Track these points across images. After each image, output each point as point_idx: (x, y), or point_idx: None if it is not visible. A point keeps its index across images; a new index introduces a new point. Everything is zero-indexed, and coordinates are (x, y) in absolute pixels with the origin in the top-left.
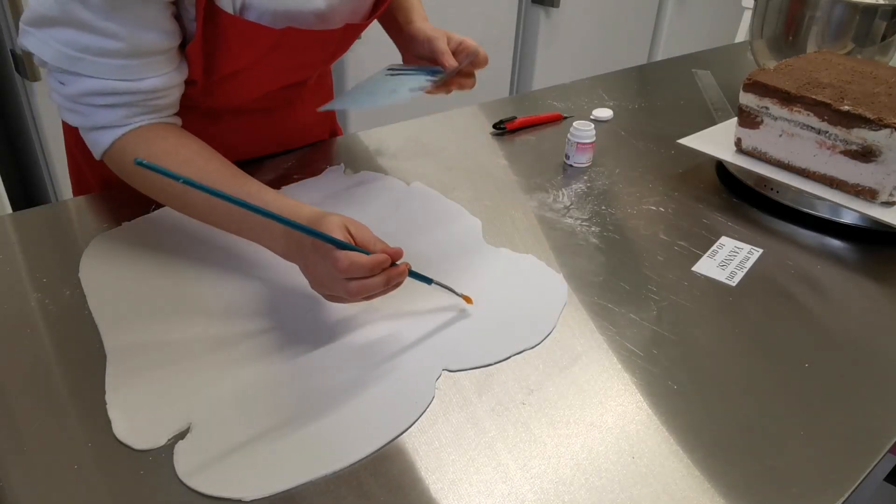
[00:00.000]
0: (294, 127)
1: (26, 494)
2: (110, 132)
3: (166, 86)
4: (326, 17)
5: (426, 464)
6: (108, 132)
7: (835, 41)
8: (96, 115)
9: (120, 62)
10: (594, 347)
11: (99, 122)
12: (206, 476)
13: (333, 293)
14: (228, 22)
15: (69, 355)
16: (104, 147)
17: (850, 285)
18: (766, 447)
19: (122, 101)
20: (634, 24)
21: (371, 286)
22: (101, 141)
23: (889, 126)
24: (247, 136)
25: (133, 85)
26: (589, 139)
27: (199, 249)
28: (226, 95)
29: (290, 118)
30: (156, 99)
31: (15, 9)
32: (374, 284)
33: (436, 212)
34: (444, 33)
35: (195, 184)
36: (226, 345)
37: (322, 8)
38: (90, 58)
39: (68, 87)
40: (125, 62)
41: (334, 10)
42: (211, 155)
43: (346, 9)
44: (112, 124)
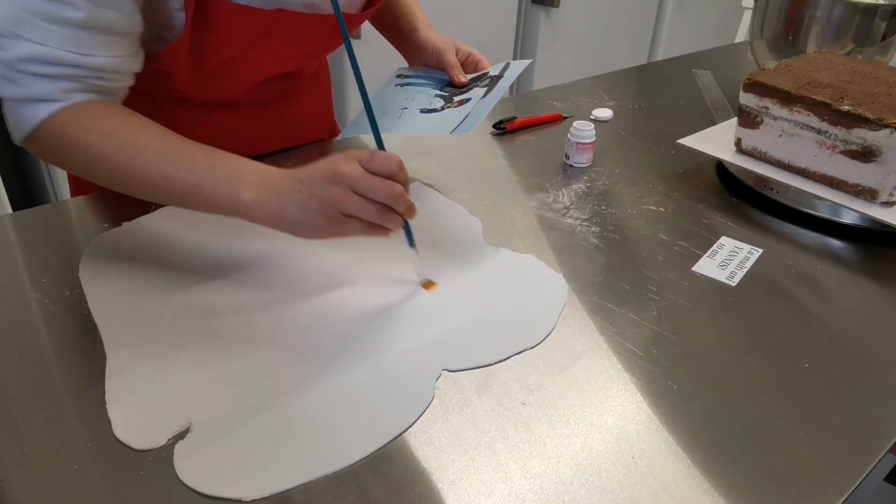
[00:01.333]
0: (291, 122)
1: (26, 494)
2: (46, 106)
3: (115, 68)
4: (316, 5)
5: (426, 464)
6: (44, 106)
7: (835, 41)
8: (33, 85)
9: (71, 32)
10: (594, 347)
11: (35, 94)
12: (206, 476)
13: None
14: (218, 6)
15: (69, 355)
16: (36, 122)
17: (850, 285)
18: (766, 447)
19: (64, 72)
20: (634, 24)
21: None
22: (32, 115)
23: (889, 126)
24: (242, 130)
25: (80, 58)
26: (589, 139)
27: (199, 249)
28: (218, 87)
29: (287, 113)
30: (101, 79)
31: None
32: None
33: (435, 211)
34: (452, 44)
35: None
36: (226, 345)
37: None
38: (40, 22)
39: (6, 50)
40: (77, 33)
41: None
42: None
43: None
44: (49, 97)
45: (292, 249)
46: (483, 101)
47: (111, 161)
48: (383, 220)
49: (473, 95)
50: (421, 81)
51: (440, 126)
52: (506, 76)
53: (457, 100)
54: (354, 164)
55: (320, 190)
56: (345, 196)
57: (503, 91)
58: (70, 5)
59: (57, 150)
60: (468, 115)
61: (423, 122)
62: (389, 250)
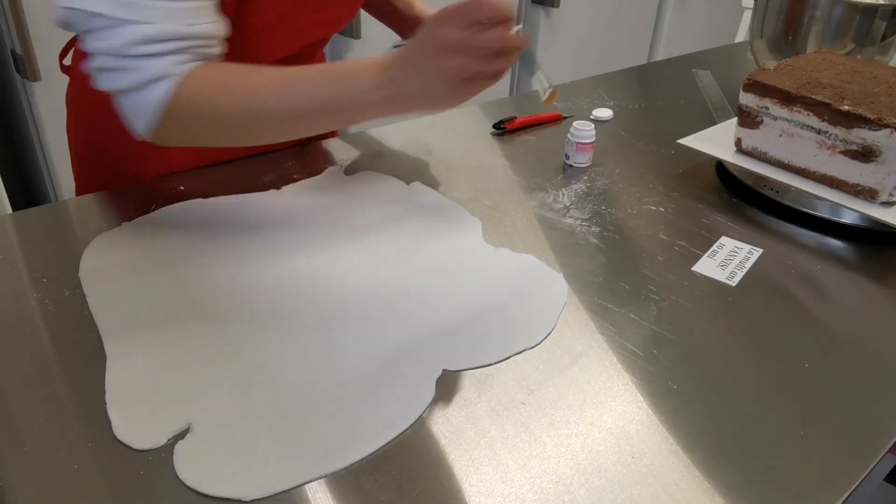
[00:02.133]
0: None
1: (26, 494)
2: (163, 83)
3: (216, 34)
4: None
5: (426, 464)
6: (161, 83)
7: (835, 41)
8: (147, 66)
9: (171, 4)
10: (594, 347)
11: (150, 74)
12: (206, 476)
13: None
14: None
15: (69, 355)
16: (158, 101)
17: (850, 285)
18: (766, 447)
19: (172, 47)
20: (634, 24)
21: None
22: (154, 96)
23: (889, 126)
24: None
25: (184, 29)
26: (589, 139)
27: (199, 249)
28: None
29: None
30: (206, 47)
31: (15, 9)
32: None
33: (436, 211)
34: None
35: None
36: (226, 345)
37: None
38: (142, 2)
39: (113, 40)
40: (176, 5)
41: None
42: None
43: None
44: (164, 74)
45: (292, 249)
46: None
47: (240, 113)
48: (501, 65)
49: None
50: None
51: None
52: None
53: None
54: (453, 26)
55: (434, 67)
56: (460, 63)
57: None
58: None
59: (185, 124)
60: None
61: None
62: (390, 249)
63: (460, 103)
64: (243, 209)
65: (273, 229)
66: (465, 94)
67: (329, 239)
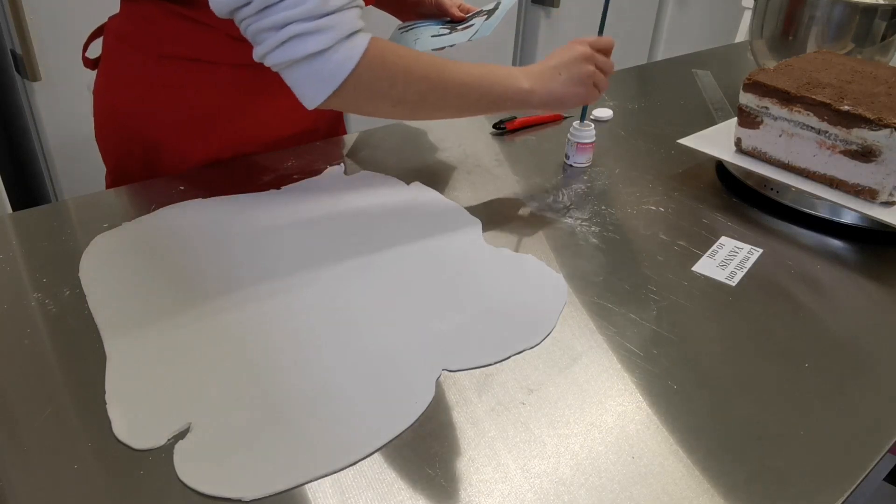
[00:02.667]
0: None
1: (26, 494)
2: (361, 37)
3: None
4: None
5: (426, 464)
6: (358, 37)
7: (835, 41)
8: (343, 21)
9: None
10: (594, 347)
11: (350, 27)
12: (206, 476)
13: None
14: None
15: (69, 355)
16: (358, 56)
17: (850, 285)
18: (766, 447)
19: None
20: (634, 24)
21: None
22: (352, 53)
23: (889, 126)
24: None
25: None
26: (589, 139)
27: (199, 249)
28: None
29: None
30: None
31: (15, 9)
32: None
33: (436, 212)
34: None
35: None
36: (226, 345)
37: None
38: None
39: (305, 3)
40: None
41: None
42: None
43: None
44: (360, 27)
45: (292, 249)
46: (487, 22)
47: (429, 79)
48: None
49: (476, 22)
50: (423, 24)
51: (454, 40)
52: (503, 4)
53: (460, 28)
54: (587, 46)
55: (577, 70)
56: (594, 71)
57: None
58: None
59: (376, 83)
60: (479, 30)
61: (438, 42)
62: (390, 249)
63: (586, 102)
64: (243, 209)
65: (273, 229)
66: (591, 96)
67: (329, 239)
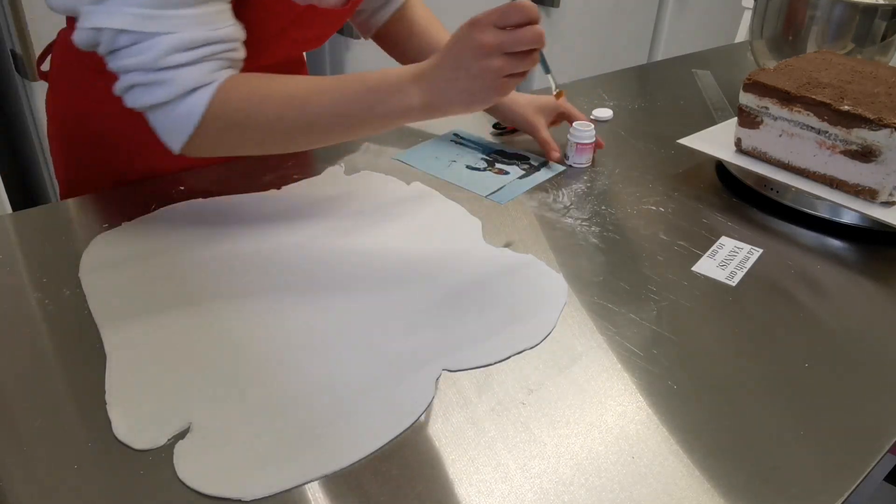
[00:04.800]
0: None
1: (26, 494)
2: (201, 92)
3: (237, 36)
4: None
5: (426, 464)
6: (199, 93)
7: (835, 41)
8: (182, 77)
9: (193, 11)
10: (594, 347)
11: (187, 84)
12: (206, 476)
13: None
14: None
15: (69, 355)
16: (199, 112)
17: (850, 285)
18: (766, 447)
19: (203, 53)
20: (634, 24)
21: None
22: (193, 108)
23: (889, 126)
24: None
25: (211, 34)
26: (589, 140)
27: (199, 249)
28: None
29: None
30: (231, 50)
31: (15, 9)
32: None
33: (436, 212)
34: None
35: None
36: (226, 345)
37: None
38: (168, 12)
39: (143, 54)
40: (200, 11)
41: None
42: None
43: None
44: (200, 83)
45: (292, 249)
46: (519, 181)
47: (284, 120)
48: (530, 63)
49: (512, 171)
50: (472, 145)
51: (479, 186)
52: (542, 170)
53: (497, 167)
54: (488, 28)
55: (477, 67)
56: (500, 62)
57: (537, 182)
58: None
59: (226, 134)
60: (504, 187)
61: (467, 177)
62: (390, 250)
63: (498, 100)
64: (243, 209)
65: (273, 229)
66: (504, 92)
67: (329, 239)
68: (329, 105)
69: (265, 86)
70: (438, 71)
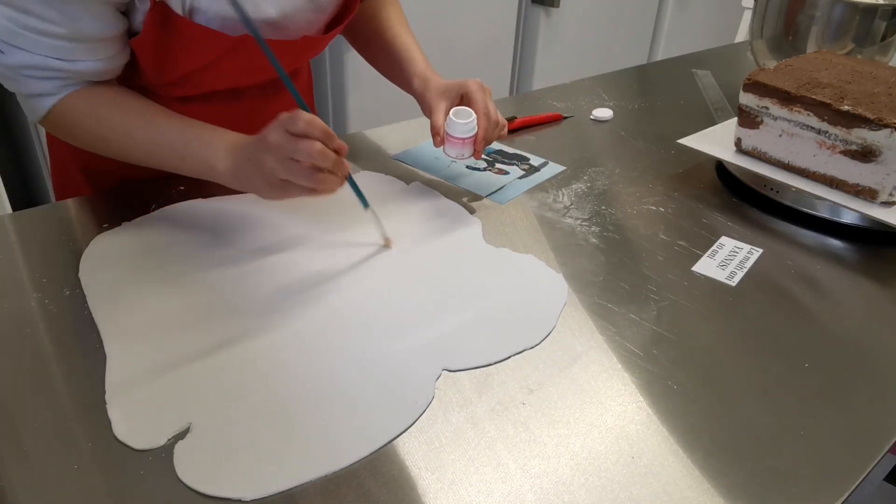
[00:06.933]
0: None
1: (26, 494)
2: (46, 100)
3: (100, 70)
4: (280, 26)
5: (426, 464)
6: (44, 100)
7: (835, 41)
8: (32, 86)
9: (58, 43)
10: (594, 347)
11: (35, 91)
12: (206, 476)
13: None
14: (179, 24)
15: (69, 355)
16: (41, 113)
17: (850, 285)
18: (766, 447)
19: (57, 76)
20: (634, 24)
21: (324, 153)
22: (38, 108)
23: (889, 126)
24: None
25: (68, 65)
26: (461, 134)
27: (199, 249)
28: (186, 89)
29: (264, 108)
30: (89, 79)
31: None
32: (323, 152)
33: (436, 212)
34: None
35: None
36: (226, 345)
37: (273, 16)
38: (30, 35)
39: (7, 56)
40: (63, 44)
41: (287, 19)
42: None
43: (301, 19)
44: (47, 93)
45: (292, 250)
46: (519, 181)
47: (107, 143)
48: (315, 180)
49: (512, 171)
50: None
51: (479, 186)
52: (542, 171)
53: (497, 167)
54: (280, 130)
55: (257, 159)
56: (276, 163)
57: (537, 182)
58: (50, 22)
59: (64, 134)
60: (504, 187)
61: (467, 177)
62: (392, 251)
63: (279, 199)
64: (243, 209)
65: (273, 229)
66: (280, 194)
67: (329, 239)
68: (146, 145)
69: (101, 109)
70: (243, 151)
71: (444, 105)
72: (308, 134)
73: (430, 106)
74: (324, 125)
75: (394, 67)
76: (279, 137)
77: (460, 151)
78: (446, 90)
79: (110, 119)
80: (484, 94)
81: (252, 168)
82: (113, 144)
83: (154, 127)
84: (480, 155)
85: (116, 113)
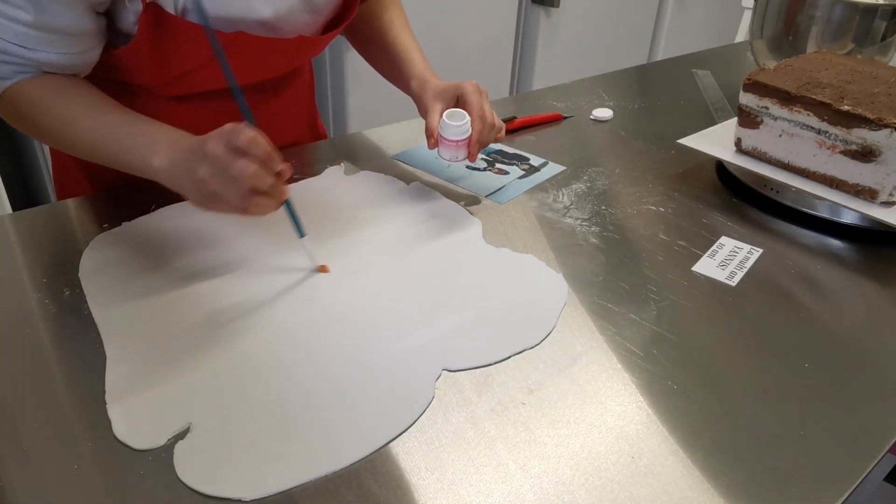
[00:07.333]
0: (267, 115)
1: (26, 494)
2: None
3: (62, 64)
4: (273, 26)
5: (426, 464)
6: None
7: (835, 41)
8: None
9: (22, 29)
10: (594, 347)
11: None
12: (206, 476)
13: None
14: (172, 23)
15: (69, 355)
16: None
17: (850, 285)
18: (766, 447)
19: (14, 61)
20: (634, 24)
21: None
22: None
23: (889, 126)
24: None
25: (26, 52)
26: (454, 136)
27: (199, 249)
28: (182, 89)
29: (262, 107)
30: (48, 70)
31: None
32: (257, 175)
33: (436, 212)
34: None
35: None
36: (226, 345)
37: (267, 17)
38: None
39: None
40: (28, 31)
41: (282, 20)
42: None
43: (297, 20)
44: (2, 76)
45: (292, 249)
46: (519, 181)
47: (52, 133)
48: (245, 201)
49: (512, 171)
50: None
51: (479, 186)
52: (542, 171)
53: (497, 167)
54: (220, 138)
55: (191, 164)
56: (208, 174)
57: (537, 182)
58: (18, 7)
59: (12, 120)
60: (504, 187)
61: (467, 177)
62: (390, 249)
63: (210, 211)
64: None
65: (273, 229)
66: (208, 206)
67: (329, 239)
68: (87, 136)
69: (52, 99)
70: (182, 152)
71: (439, 107)
72: (248, 151)
73: (425, 107)
74: (267, 146)
75: (393, 68)
76: (217, 149)
77: (454, 154)
78: (442, 92)
79: (57, 108)
80: (480, 96)
81: (185, 172)
82: (56, 134)
83: (101, 119)
84: (475, 158)
85: (65, 103)
